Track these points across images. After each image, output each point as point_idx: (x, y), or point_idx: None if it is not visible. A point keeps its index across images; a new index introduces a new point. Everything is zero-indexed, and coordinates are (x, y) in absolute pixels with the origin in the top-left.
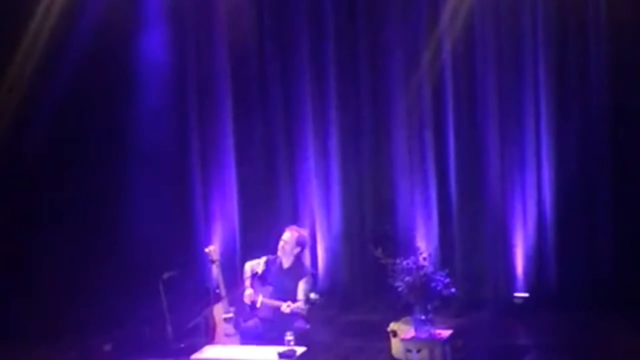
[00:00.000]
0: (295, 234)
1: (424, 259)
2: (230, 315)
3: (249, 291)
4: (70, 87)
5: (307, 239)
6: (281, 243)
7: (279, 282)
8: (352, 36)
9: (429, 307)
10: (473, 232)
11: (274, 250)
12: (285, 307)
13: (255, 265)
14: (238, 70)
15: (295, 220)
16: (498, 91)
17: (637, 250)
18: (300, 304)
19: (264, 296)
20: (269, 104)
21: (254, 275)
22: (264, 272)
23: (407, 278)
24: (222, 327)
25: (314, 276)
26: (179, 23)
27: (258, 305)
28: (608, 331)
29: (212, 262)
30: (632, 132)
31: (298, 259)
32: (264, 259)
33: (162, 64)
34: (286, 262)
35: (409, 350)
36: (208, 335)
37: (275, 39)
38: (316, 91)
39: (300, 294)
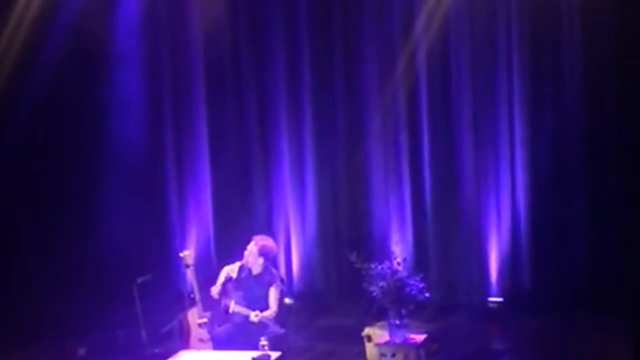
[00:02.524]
0: (260, 244)
1: (399, 263)
2: (205, 320)
3: (215, 288)
4: (43, 93)
5: (272, 248)
6: (246, 253)
7: (250, 288)
8: (326, 41)
9: (403, 311)
10: (447, 236)
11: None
12: (254, 316)
13: (230, 270)
14: (213, 75)
15: (269, 225)
16: (472, 96)
17: (610, 254)
18: (268, 313)
19: (236, 301)
20: (243, 109)
21: (229, 279)
22: (237, 277)
23: (381, 283)
24: (196, 332)
25: (284, 282)
26: (153, 25)
27: (230, 310)
28: (582, 335)
29: (187, 266)
30: (605, 135)
31: (266, 266)
32: (238, 264)
33: (137, 68)
34: (255, 270)
35: (383, 355)
36: (182, 340)
37: (250, 45)
38: (291, 96)
39: (271, 301)
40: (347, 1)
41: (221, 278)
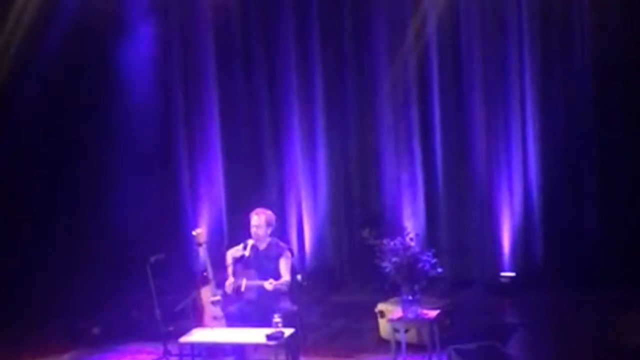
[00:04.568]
0: (263, 216)
1: (411, 239)
2: (218, 298)
3: (229, 281)
4: (53, 67)
5: (274, 217)
6: (253, 229)
7: (260, 264)
8: (337, 12)
9: (416, 287)
10: (459, 212)
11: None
12: (268, 284)
13: (235, 251)
14: (223, 54)
15: (281, 202)
16: (483, 68)
17: (622, 229)
18: (282, 280)
19: (247, 279)
20: (254, 87)
21: (237, 260)
22: (247, 255)
23: (394, 259)
24: (209, 310)
25: (293, 253)
26: (163, 9)
27: (242, 288)
28: (594, 309)
29: (199, 245)
30: (616, 108)
31: (272, 239)
32: (250, 241)
33: (148, 50)
34: (261, 245)
35: (396, 331)
36: (196, 318)
37: (260, 19)
38: (302, 73)
39: (283, 270)
40: None
41: (229, 263)
